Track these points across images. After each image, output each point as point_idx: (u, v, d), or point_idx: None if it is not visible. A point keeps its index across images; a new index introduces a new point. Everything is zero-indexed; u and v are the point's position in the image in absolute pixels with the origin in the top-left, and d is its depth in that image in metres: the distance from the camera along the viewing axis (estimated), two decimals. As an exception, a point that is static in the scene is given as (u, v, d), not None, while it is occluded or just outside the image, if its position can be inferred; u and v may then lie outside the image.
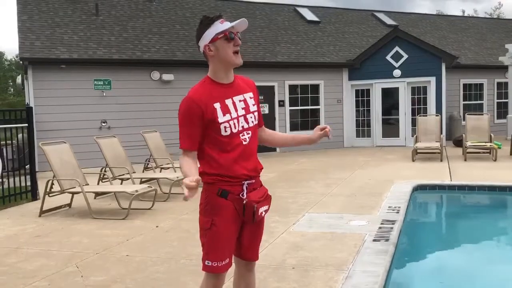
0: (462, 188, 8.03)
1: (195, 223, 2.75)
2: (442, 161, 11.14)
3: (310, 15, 18.51)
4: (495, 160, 10.87)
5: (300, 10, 18.92)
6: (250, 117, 2.57)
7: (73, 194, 6.99)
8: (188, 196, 2.19)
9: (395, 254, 4.62)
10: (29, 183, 8.01)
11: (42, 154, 7.11)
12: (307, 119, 15.54)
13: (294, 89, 15.28)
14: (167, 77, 13.18)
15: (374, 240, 4.93)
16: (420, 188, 7.94)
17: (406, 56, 15.13)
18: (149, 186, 7.08)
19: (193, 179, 2.21)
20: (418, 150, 11.71)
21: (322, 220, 5.94)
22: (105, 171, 8.13)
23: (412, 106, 15.28)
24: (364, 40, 17.52)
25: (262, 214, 2.58)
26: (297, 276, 4.01)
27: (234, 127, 2.49)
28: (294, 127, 15.20)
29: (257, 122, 2.64)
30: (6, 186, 7.78)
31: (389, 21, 19.69)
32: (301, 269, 4.17)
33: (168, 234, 5.52)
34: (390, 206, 6.48)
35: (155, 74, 13.15)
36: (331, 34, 17.65)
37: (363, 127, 16.05)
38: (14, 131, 8.91)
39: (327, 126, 2.71)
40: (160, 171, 9.08)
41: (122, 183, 8.12)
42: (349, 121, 15.96)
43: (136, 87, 12.89)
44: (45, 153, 6.81)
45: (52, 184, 6.78)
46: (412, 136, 13.99)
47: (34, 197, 7.92)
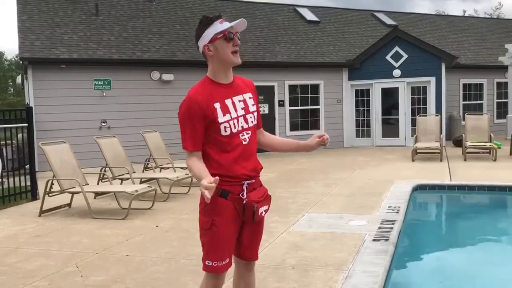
0: (462, 188, 8.03)
1: (195, 223, 2.75)
2: (442, 161, 11.15)
3: (310, 15, 18.52)
4: (495, 160, 10.88)
5: (300, 10, 18.92)
6: (250, 117, 2.58)
7: (73, 194, 6.99)
8: (209, 199, 2.20)
9: (395, 254, 4.62)
10: (29, 183, 8.01)
11: (42, 154, 7.11)
12: (307, 119, 15.54)
13: (294, 89, 15.28)
14: (167, 77, 13.18)
15: (374, 240, 4.93)
16: (420, 188, 7.94)
17: (406, 56, 15.13)
18: (149, 186, 7.08)
19: (210, 180, 2.23)
20: (418, 150, 11.71)
21: (321, 220, 5.94)
22: (105, 171, 8.14)
23: (412, 106, 15.28)
24: (364, 40, 17.52)
25: (262, 214, 2.58)
26: (296, 276, 4.01)
27: (234, 127, 2.49)
28: (294, 127, 15.20)
29: (256, 122, 2.64)
30: (6, 186, 7.78)
31: (389, 21, 19.69)
32: (300, 269, 4.18)
33: (168, 234, 5.52)
34: (390, 206, 6.48)
35: (155, 74, 13.15)
36: (331, 34, 17.65)
37: (363, 127, 16.05)
38: (14, 131, 8.92)
39: (325, 134, 2.70)
40: (160, 171, 9.08)
41: (122, 183, 8.12)
42: (348, 121, 15.97)
43: (136, 87, 12.89)
44: (45, 153, 6.81)
45: (52, 184, 6.78)
46: (412, 136, 13.98)
47: (34, 197, 7.92)
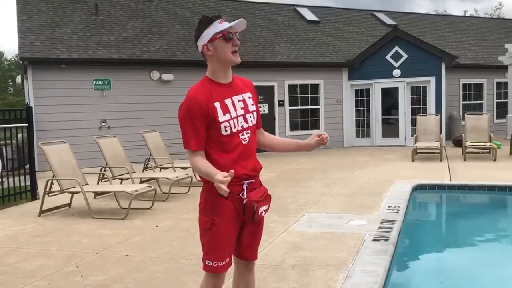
0: (461, 188, 8.03)
1: (195, 223, 2.75)
2: (441, 161, 11.15)
3: (309, 15, 18.52)
4: (495, 160, 10.88)
5: (299, 10, 18.92)
6: (249, 116, 2.58)
7: (72, 193, 6.99)
8: (227, 192, 2.22)
9: (395, 253, 4.62)
10: (28, 183, 8.01)
11: (41, 154, 7.11)
12: (307, 119, 15.54)
13: (293, 89, 15.28)
14: (167, 77, 13.18)
15: (374, 239, 4.93)
16: (419, 188, 7.95)
17: (405, 56, 15.13)
18: (148, 186, 7.08)
19: (225, 174, 2.24)
20: (418, 150, 11.71)
21: (321, 220, 5.94)
22: (104, 171, 8.14)
23: (411, 106, 15.28)
24: (363, 40, 17.52)
25: (262, 214, 2.58)
26: (296, 276, 4.01)
27: (234, 127, 2.49)
28: (293, 127, 15.20)
29: (256, 122, 2.64)
30: (5, 185, 7.78)
31: (388, 21, 19.69)
32: (300, 269, 4.17)
33: (167, 234, 5.52)
34: (389, 206, 6.48)
35: (155, 74, 13.15)
36: (331, 34, 17.65)
37: (363, 127, 16.04)
38: (14, 131, 8.91)
39: (325, 133, 2.70)
40: (159, 171, 9.08)
41: (121, 183, 8.12)
42: (348, 121, 15.97)
43: (135, 87, 12.89)
44: (44, 153, 6.81)
45: (51, 183, 6.78)
46: (411, 136, 13.98)
47: (34, 196, 7.91)
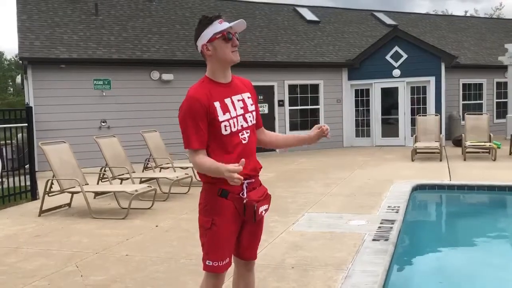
0: (461, 188, 8.03)
1: (195, 223, 2.75)
2: (441, 160, 11.15)
3: (309, 15, 18.52)
4: (495, 159, 10.88)
5: (299, 10, 18.92)
6: (249, 116, 2.58)
7: (72, 193, 7.00)
8: (240, 179, 2.26)
9: (395, 253, 4.63)
10: (28, 183, 8.02)
11: (41, 153, 7.11)
12: (307, 119, 15.53)
13: (293, 89, 15.28)
14: (167, 77, 13.17)
15: (374, 239, 4.94)
16: (419, 188, 7.95)
17: (405, 56, 15.13)
18: (148, 186, 7.08)
19: (236, 165, 2.27)
20: (418, 150, 11.71)
21: (321, 219, 5.95)
22: (104, 171, 8.14)
23: (411, 105, 15.28)
24: (363, 40, 17.52)
25: (262, 213, 2.59)
26: (296, 275, 4.01)
27: (234, 126, 2.49)
28: (293, 127, 15.19)
29: (255, 122, 2.65)
30: (5, 185, 7.79)
31: (388, 21, 19.70)
32: (300, 268, 4.18)
33: (167, 234, 5.52)
34: (389, 206, 6.48)
35: (155, 74, 13.15)
36: (331, 34, 17.65)
37: (363, 127, 16.05)
38: (13, 131, 8.91)
39: (325, 125, 2.71)
40: (159, 171, 9.08)
41: (121, 183, 8.12)
42: (348, 121, 15.97)
43: (135, 87, 12.89)
44: (44, 152, 6.82)
45: (51, 183, 6.78)
46: (411, 136, 13.98)
47: (34, 196, 7.92)
